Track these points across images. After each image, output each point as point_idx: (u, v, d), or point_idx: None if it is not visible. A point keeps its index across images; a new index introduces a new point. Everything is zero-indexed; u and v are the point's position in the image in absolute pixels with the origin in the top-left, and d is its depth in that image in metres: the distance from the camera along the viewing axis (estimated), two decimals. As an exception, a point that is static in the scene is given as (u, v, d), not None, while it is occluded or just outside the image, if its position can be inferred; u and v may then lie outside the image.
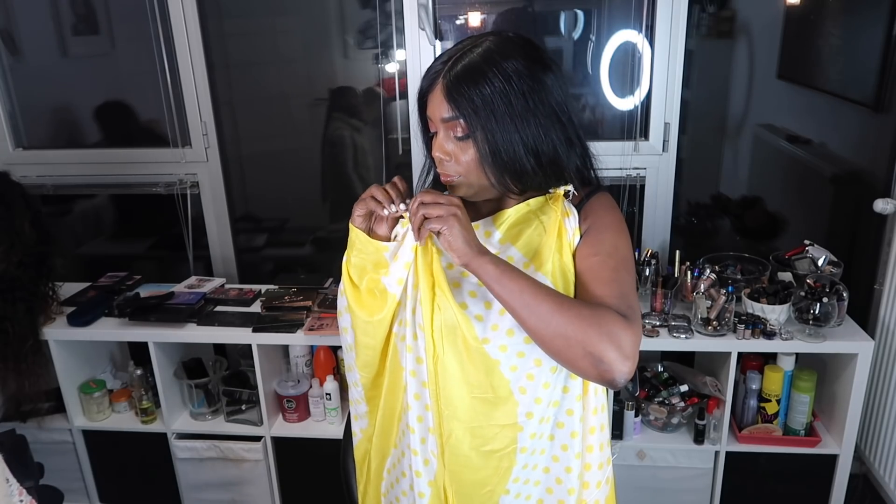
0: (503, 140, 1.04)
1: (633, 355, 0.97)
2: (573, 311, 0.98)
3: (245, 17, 2.36)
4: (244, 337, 2.03)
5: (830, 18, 2.18)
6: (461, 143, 1.06)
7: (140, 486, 2.32)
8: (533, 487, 1.20)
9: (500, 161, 1.06)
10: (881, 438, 2.05)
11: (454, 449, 1.14)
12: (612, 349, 0.96)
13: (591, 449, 1.23)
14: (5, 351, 1.98)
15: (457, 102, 1.04)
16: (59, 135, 2.60)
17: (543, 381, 1.12)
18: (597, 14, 2.27)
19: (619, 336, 0.97)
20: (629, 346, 0.97)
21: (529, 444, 1.15)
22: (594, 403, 1.22)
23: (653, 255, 2.12)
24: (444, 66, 1.06)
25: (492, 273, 1.00)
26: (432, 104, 1.07)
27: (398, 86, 2.28)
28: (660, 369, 2.17)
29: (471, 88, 1.03)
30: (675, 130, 2.21)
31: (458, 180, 1.09)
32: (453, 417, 1.12)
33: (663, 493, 2.11)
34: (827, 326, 1.87)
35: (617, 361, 0.96)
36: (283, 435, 2.14)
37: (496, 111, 1.03)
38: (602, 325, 0.97)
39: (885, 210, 2.00)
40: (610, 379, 0.97)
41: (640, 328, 1.02)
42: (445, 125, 1.06)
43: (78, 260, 2.70)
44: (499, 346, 1.09)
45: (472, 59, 1.05)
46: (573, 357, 0.98)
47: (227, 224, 2.50)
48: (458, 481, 1.16)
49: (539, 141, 1.06)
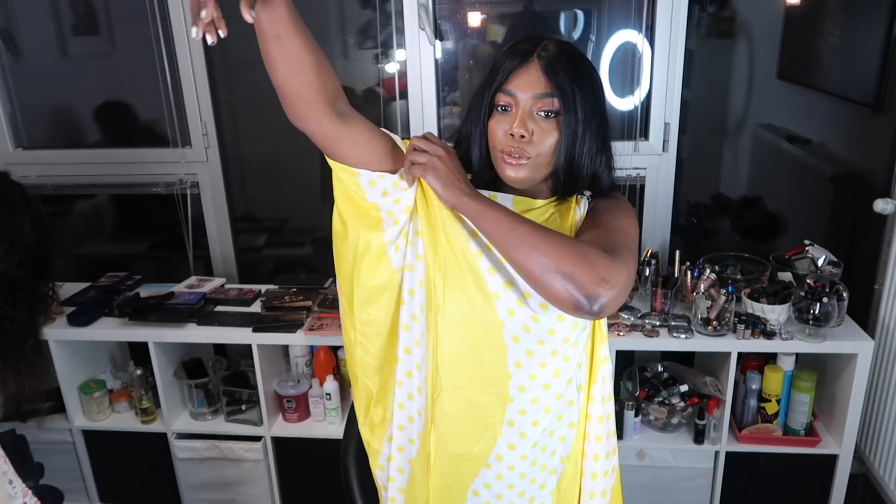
0: (582, 132, 1.07)
1: (609, 280, 0.95)
2: (551, 235, 0.99)
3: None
4: (244, 337, 2.04)
5: (830, 18, 2.18)
6: (545, 124, 1.06)
7: (140, 486, 2.32)
8: (518, 479, 1.19)
9: (572, 153, 1.07)
10: (881, 438, 2.05)
11: (442, 406, 1.15)
12: (585, 268, 0.95)
13: (598, 439, 1.24)
14: (5, 351, 1.98)
15: (556, 80, 1.04)
16: (59, 135, 2.60)
17: (541, 361, 1.12)
18: (597, 14, 2.27)
19: (594, 258, 0.96)
20: (605, 269, 0.96)
21: (518, 419, 1.15)
22: (601, 392, 1.23)
23: (653, 255, 2.12)
24: (535, 46, 1.07)
25: (473, 208, 1.02)
26: (522, 79, 1.06)
27: (398, 86, 2.28)
28: (660, 369, 2.17)
29: (570, 70, 1.05)
30: (675, 130, 2.21)
31: (525, 163, 1.08)
32: (447, 374, 1.14)
33: (663, 493, 2.11)
34: (827, 326, 1.87)
35: (590, 281, 0.94)
36: (283, 435, 2.14)
37: (587, 101, 1.06)
38: (578, 248, 0.98)
39: (885, 210, 2.00)
40: (583, 296, 0.94)
41: (625, 266, 0.99)
42: (535, 102, 1.06)
43: (78, 260, 2.70)
44: (507, 308, 1.09)
45: (566, 47, 1.08)
46: (548, 278, 0.96)
47: (227, 224, 2.50)
48: (443, 442, 1.17)
49: (597, 151, 1.10)
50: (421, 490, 1.23)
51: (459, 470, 1.19)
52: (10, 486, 1.42)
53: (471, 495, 1.20)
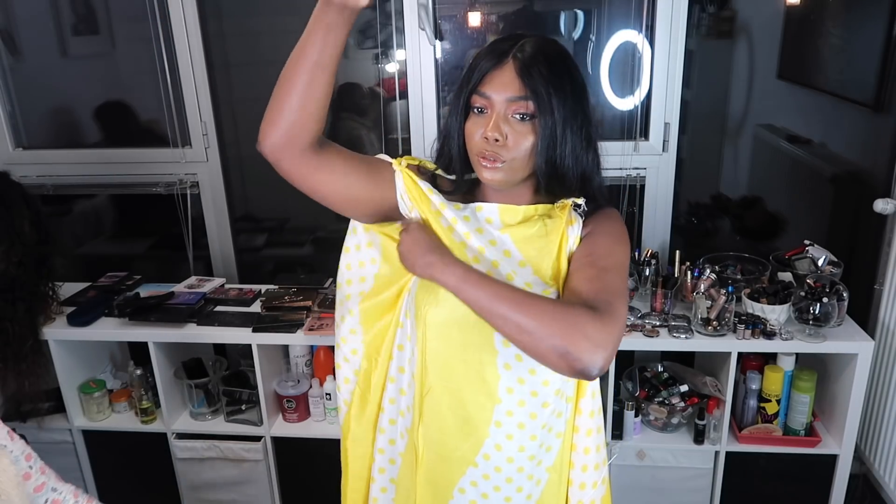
0: (561, 133, 1.04)
1: (604, 345, 0.94)
2: (534, 307, 0.96)
3: (245, 17, 2.36)
4: (244, 337, 2.03)
5: (830, 18, 2.18)
6: (520, 127, 1.05)
7: (140, 486, 2.32)
8: (505, 482, 1.19)
9: (552, 155, 1.05)
10: (881, 438, 2.05)
11: (431, 405, 1.15)
12: (577, 340, 0.93)
13: (587, 451, 1.24)
14: (5, 351, 1.98)
15: (531, 82, 1.02)
16: (59, 135, 2.60)
17: (530, 366, 1.12)
18: (597, 14, 2.27)
19: (585, 326, 0.94)
20: (597, 335, 0.94)
21: (506, 420, 1.14)
22: (590, 406, 1.23)
23: (653, 255, 2.12)
24: (511, 46, 1.05)
25: (450, 284, 1.01)
26: (496, 81, 1.05)
27: (398, 86, 2.28)
28: (660, 369, 2.17)
29: (546, 71, 1.03)
30: (675, 130, 2.21)
31: (500, 167, 1.07)
32: (436, 373, 1.14)
33: (663, 493, 2.11)
34: (827, 326, 1.87)
35: (585, 352, 0.93)
36: (283, 435, 2.14)
37: (565, 102, 1.04)
38: (566, 318, 0.95)
39: (885, 210, 2.00)
40: (580, 369, 0.94)
41: (616, 322, 0.98)
42: (509, 104, 1.04)
43: (78, 260, 2.70)
44: None
45: (544, 46, 1.05)
46: (541, 352, 0.95)
47: (227, 224, 2.50)
48: (431, 439, 1.17)
49: (582, 150, 1.08)
50: (410, 482, 1.23)
51: (447, 467, 1.19)
52: (56, 493, 1.43)
53: (457, 493, 1.20)
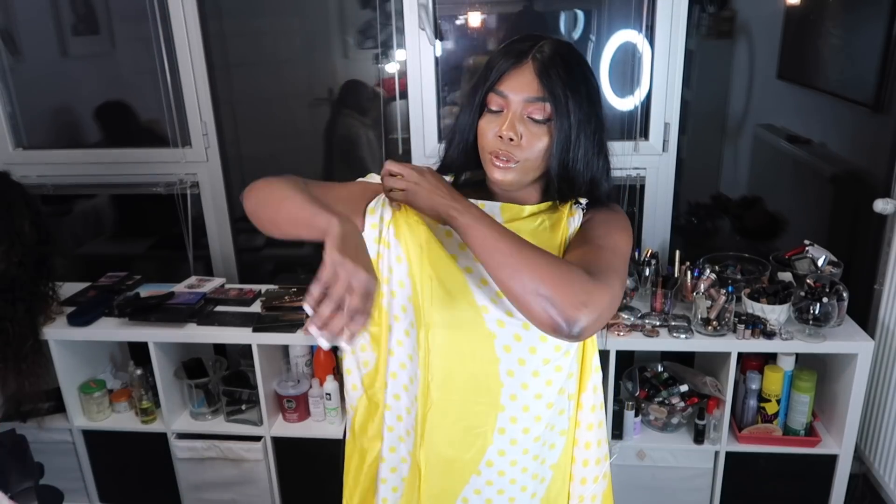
0: (575, 137, 1.04)
1: (589, 304, 0.92)
2: (533, 254, 0.96)
3: (245, 17, 2.36)
4: (244, 337, 2.03)
5: (830, 18, 2.18)
6: (535, 128, 1.04)
7: (140, 486, 2.32)
8: (508, 484, 1.19)
9: (565, 158, 1.05)
10: (881, 438, 2.05)
11: (433, 420, 1.14)
12: (564, 291, 0.92)
13: (588, 445, 1.24)
14: (5, 351, 1.98)
15: (549, 84, 1.02)
16: (59, 135, 2.60)
17: (532, 369, 1.11)
18: (597, 14, 2.27)
19: (574, 281, 0.93)
20: (584, 294, 0.93)
21: (509, 426, 1.14)
22: (592, 401, 1.23)
23: (653, 255, 2.12)
24: (531, 47, 1.05)
25: (461, 223, 0.99)
26: (514, 81, 1.04)
27: (398, 86, 2.28)
28: (660, 369, 2.17)
29: (564, 74, 1.03)
30: (675, 130, 2.21)
31: (513, 167, 1.06)
32: (438, 388, 1.12)
33: (663, 493, 2.11)
34: (827, 326, 1.87)
35: (569, 306, 0.91)
36: (283, 435, 2.14)
37: (581, 106, 1.04)
38: (559, 269, 0.95)
39: (885, 210, 2.00)
40: (560, 323, 0.92)
41: (607, 290, 0.96)
42: (526, 105, 1.04)
43: (78, 260, 2.70)
44: (496, 319, 1.08)
45: (562, 49, 1.05)
46: (528, 300, 0.94)
47: (227, 224, 2.50)
48: (434, 452, 1.16)
49: (593, 156, 1.08)
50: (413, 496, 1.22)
51: (450, 477, 1.18)
52: None
53: (460, 502, 1.19)
